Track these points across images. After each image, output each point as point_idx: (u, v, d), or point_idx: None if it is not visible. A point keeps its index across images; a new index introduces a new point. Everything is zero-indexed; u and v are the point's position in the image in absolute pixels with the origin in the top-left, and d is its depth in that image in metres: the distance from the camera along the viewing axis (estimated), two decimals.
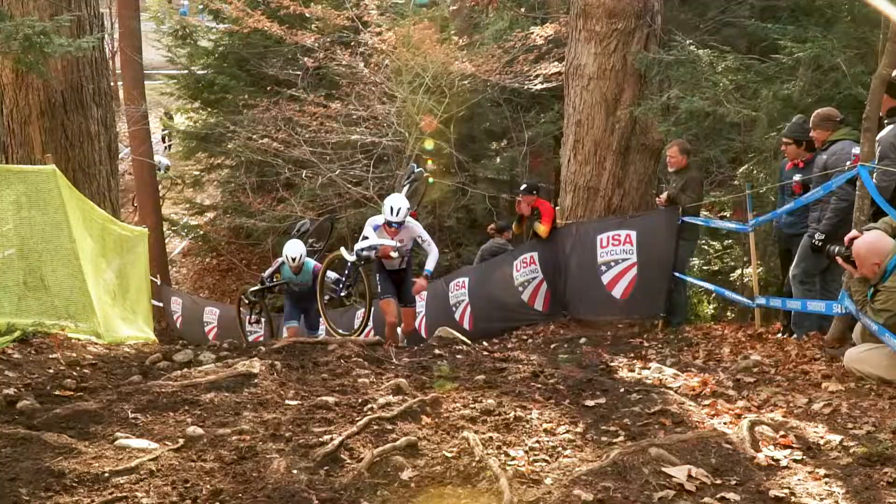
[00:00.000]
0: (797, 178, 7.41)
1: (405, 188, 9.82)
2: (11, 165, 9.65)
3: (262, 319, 12.01)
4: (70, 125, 10.91)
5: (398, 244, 8.74)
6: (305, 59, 16.76)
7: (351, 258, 9.24)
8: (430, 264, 8.94)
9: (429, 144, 16.19)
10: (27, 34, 8.73)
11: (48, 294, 6.91)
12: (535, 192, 10.93)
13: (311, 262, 10.63)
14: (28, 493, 3.44)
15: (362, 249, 8.88)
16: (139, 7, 21.66)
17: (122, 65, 21.46)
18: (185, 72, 21.37)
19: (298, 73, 17.90)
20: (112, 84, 14.87)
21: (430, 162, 16.44)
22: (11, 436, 4.01)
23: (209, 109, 20.90)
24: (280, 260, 10.77)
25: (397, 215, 8.64)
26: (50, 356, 5.96)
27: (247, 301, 11.69)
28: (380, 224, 8.87)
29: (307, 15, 16.77)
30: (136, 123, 20.17)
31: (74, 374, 5.57)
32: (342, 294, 10.48)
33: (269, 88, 17.98)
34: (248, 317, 12.33)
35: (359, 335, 8.84)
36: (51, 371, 5.60)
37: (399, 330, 9.21)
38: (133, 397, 4.63)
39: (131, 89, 20.42)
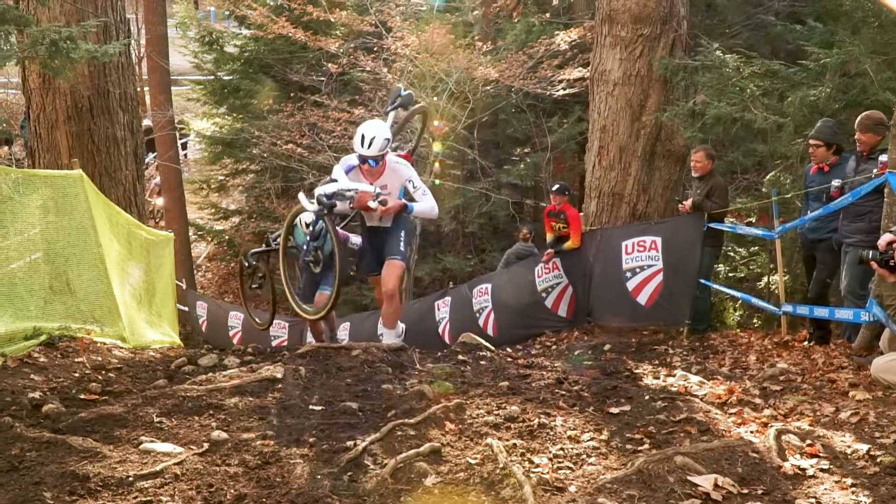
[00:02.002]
0: (836, 183, 7.25)
1: (390, 116, 7.76)
2: (38, 170, 9.73)
3: (264, 287, 9.55)
4: (96, 130, 11.00)
5: (378, 190, 6.71)
6: (329, 64, 16.83)
7: (311, 207, 6.81)
8: (417, 204, 6.87)
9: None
10: (53, 39, 8.81)
11: (74, 298, 6.95)
12: (566, 193, 10.96)
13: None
14: (53, 496, 3.46)
15: (325, 195, 6.60)
16: (166, 13, 21.82)
17: (148, 70, 21.63)
18: (211, 77, 21.54)
19: (322, 78, 17.99)
20: (138, 89, 14.97)
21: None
22: (36, 439, 4.03)
23: (234, 115, 21.03)
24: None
25: (370, 147, 6.62)
26: (75, 360, 6.00)
27: (246, 264, 9.26)
28: (354, 164, 6.87)
29: (332, 20, 16.85)
30: (163, 129, 20.32)
31: (100, 377, 5.60)
32: (308, 259, 8.28)
33: (293, 94, 18.07)
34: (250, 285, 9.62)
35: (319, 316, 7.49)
36: (76, 375, 5.64)
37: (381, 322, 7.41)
38: (158, 401, 4.65)
39: (158, 94, 20.57)
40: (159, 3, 20.84)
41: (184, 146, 26.42)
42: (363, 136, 6.65)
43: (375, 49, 16.35)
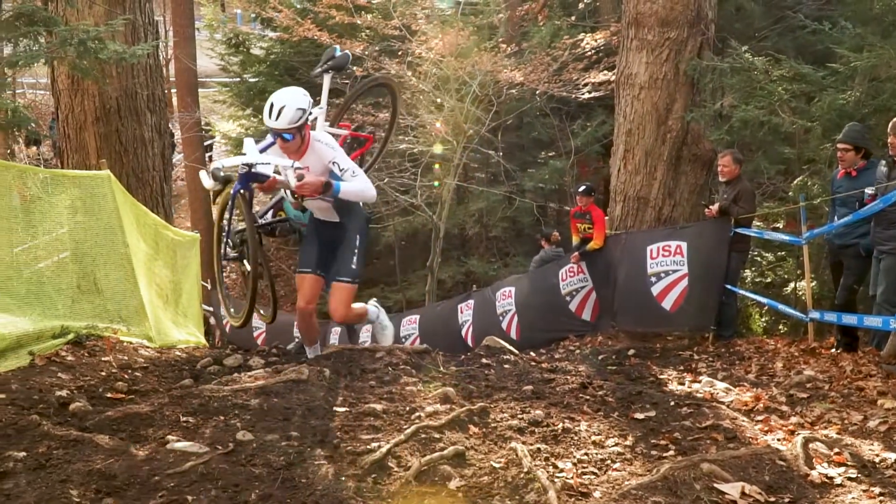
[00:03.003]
0: (869, 191, 7.16)
1: (325, 81, 6.86)
2: (67, 170, 9.82)
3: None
4: (124, 131, 11.07)
5: (294, 165, 5.77)
6: (353, 67, 16.87)
7: (209, 184, 6.02)
8: (345, 183, 5.81)
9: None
10: (82, 39, 8.88)
11: (101, 297, 6.99)
12: (592, 194, 10.94)
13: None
14: (79, 494, 3.48)
15: (219, 168, 5.91)
16: (193, 15, 22.00)
17: (175, 72, 21.84)
18: (237, 79, 21.68)
19: (346, 81, 18.05)
20: (166, 91, 15.10)
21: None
22: (63, 437, 4.06)
23: (260, 116, 21.15)
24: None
25: (278, 118, 5.69)
26: (102, 359, 6.03)
27: (230, 244, 6.64)
28: (273, 140, 6.07)
29: (357, 23, 16.90)
30: (190, 130, 20.48)
31: (126, 376, 5.64)
32: (226, 249, 6.57)
33: (317, 97, 18.13)
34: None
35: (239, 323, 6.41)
36: (103, 374, 5.67)
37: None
38: (184, 401, 4.67)
39: (185, 96, 20.74)
40: (187, 6, 21.04)
41: (209, 148, 26.61)
42: (271, 105, 5.73)
43: (400, 52, 16.38)
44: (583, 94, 15.49)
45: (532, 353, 8.33)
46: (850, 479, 4.06)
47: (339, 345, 7.90)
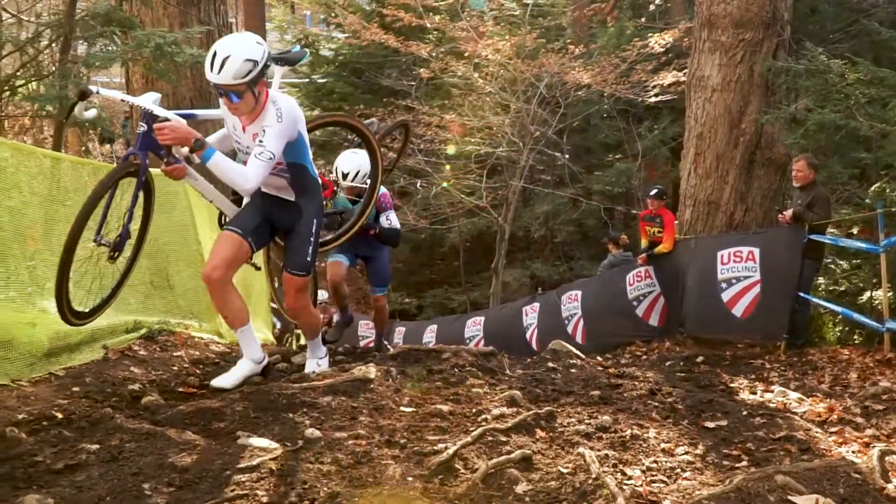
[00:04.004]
0: None
1: (276, 71, 5.61)
2: None
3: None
4: (198, 130, 11.28)
5: (152, 109, 4.94)
6: (421, 70, 16.96)
7: (89, 114, 5.15)
8: (218, 155, 4.86)
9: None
10: (158, 44, 9.07)
11: (173, 293, 7.14)
12: (664, 197, 10.82)
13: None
14: (150, 487, 3.52)
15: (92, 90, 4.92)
16: (265, 17, 22.35)
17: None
18: (306, 80, 21.97)
19: (413, 83, 18.15)
20: None
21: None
22: (136, 431, 4.12)
23: None
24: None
25: (220, 70, 4.74)
26: (174, 354, 6.16)
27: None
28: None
29: (424, 25, 16.98)
30: None
31: (198, 371, 5.74)
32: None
33: (384, 99, 18.28)
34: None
35: None
36: (175, 368, 5.78)
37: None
38: (254, 397, 4.72)
39: None
40: (259, 7, 21.39)
41: None
42: (214, 55, 4.71)
43: (466, 54, 16.42)
44: (650, 95, 15.31)
45: (598, 358, 8.25)
46: None
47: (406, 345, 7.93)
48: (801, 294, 8.89)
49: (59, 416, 4.40)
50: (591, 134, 18.42)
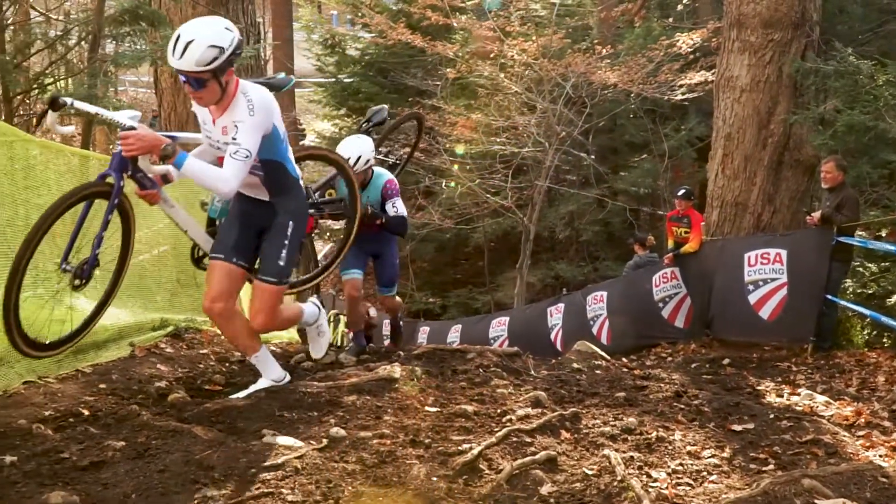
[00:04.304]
0: None
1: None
2: None
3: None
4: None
5: (127, 120, 4.55)
6: (447, 70, 16.97)
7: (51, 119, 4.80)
8: (193, 159, 4.47)
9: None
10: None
11: (199, 291, 7.14)
12: (691, 198, 10.76)
13: (384, 174, 6.74)
14: (176, 484, 3.54)
15: (68, 103, 4.54)
16: (292, 17, 22.45)
17: (274, 72, 22.32)
18: (333, 80, 22.04)
19: (438, 83, 18.16)
20: None
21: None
22: (162, 428, 4.14)
23: (354, 116, 21.50)
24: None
25: (182, 55, 4.39)
26: (200, 351, 6.20)
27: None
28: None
29: (451, 24, 16.99)
30: (286, 129, 20.91)
31: (224, 369, 5.78)
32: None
33: (410, 98, 18.30)
34: None
35: None
36: (201, 366, 5.82)
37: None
38: (279, 395, 4.75)
39: (282, 96, 21.20)
40: (286, 8, 21.49)
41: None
42: (177, 38, 4.39)
43: (493, 55, 16.40)
44: (676, 95, 15.23)
45: (624, 360, 8.21)
46: None
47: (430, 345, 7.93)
48: (829, 297, 8.80)
49: (86, 412, 4.45)
50: (618, 134, 18.35)
